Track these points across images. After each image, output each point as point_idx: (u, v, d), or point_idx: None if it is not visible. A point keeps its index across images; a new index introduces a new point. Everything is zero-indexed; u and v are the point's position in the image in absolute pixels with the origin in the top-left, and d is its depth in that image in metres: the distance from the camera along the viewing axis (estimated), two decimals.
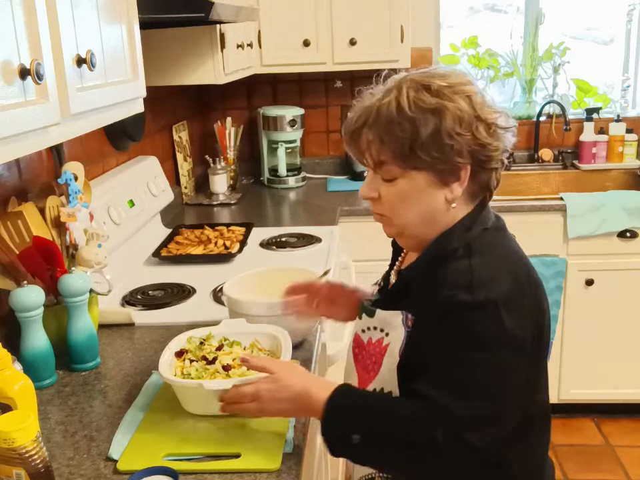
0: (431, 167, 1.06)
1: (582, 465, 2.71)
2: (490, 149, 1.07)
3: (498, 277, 1.04)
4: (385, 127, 1.05)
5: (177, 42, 2.25)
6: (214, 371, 1.25)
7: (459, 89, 1.07)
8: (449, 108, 1.04)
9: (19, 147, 0.99)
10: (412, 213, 1.10)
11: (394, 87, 1.08)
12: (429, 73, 1.09)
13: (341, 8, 2.84)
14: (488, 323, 1.00)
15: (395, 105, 1.05)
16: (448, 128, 1.04)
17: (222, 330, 1.40)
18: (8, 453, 0.96)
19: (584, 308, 2.83)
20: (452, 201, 1.09)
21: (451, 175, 1.07)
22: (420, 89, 1.06)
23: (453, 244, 1.09)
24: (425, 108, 1.04)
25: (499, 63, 3.35)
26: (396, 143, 1.05)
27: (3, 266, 1.41)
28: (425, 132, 1.03)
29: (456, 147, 1.04)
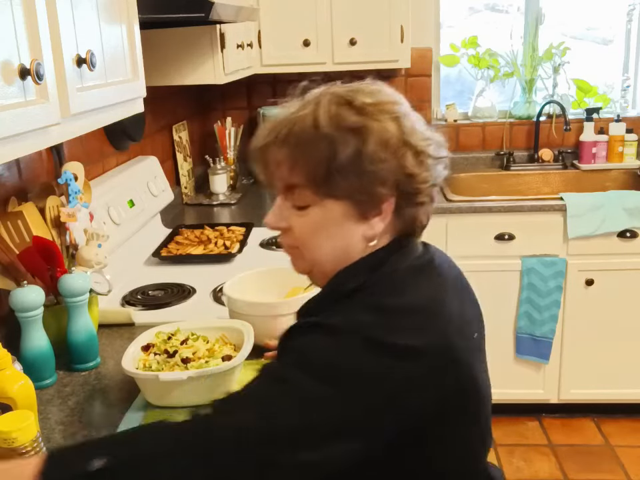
0: (349, 196, 0.91)
1: (582, 464, 2.71)
2: (418, 181, 0.93)
3: (377, 319, 0.87)
4: (298, 145, 0.91)
5: (177, 42, 2.25)
6: (173, 364, 1.30)
7: (386, 107, 0.93)
8: (373, 128, 0.90)
9: (19, 147, 0.99)
10: (324, 248, 0.95)
11: (313, 100, 0.94)
12: (353, 88, 0.96)
13: (341, 8, 2.84)
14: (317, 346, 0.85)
15: (312, 120, 0.91)
16: (370, 151, 0.89)
17: (190, 325, 1.44)
18: (8, 453, 0.96)
19: (584, 308, 2.83)
20: (371, 238, 0.94)
21: (371, 208, 0.92)
22: (342, 103, 0.92)
23: (346, 285, 0.94)
24: (346, 126, 0.90)
25: (499, 63, 3.35)
26: (310, 165, 0.91)
27: (3, 266, 1.41)
28: (344, 154, 0.89)
29: (379, 175, 0.90)
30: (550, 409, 2.99)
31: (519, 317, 2.82)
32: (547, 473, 2.67)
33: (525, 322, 2.82)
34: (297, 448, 0.81)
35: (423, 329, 0.88)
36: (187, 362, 1.29)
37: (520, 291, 2.80)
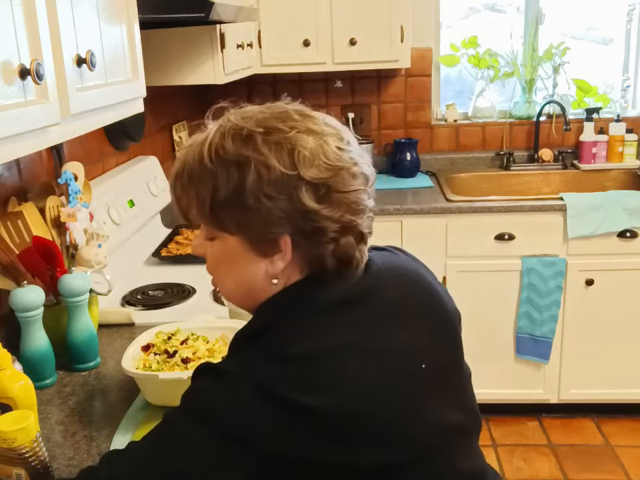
0: (241, 232, 0.87)
1: (582, 464, 2.71)
2: (319, 218, 0.84)
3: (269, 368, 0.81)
4: (188, 181, 0.89)
5: (177, 42, 2.25)
6: (173, 364, 1.30)
7: (279, 137, 0.85)
8: (256, 162, 0.83)
9: (19, 147, 0.99)
10: (228, 279, 0.94)
11: (211, 129, 0.90)
12: (252, 113, 0.89)
13: (341, 8, 2.84)
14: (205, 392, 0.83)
15: (198, 154, 0.87)
16: (251, 187, 0.83)
17: (190, 325, 1.44)
18: (8, 453, 0.96)
19: (584, 308, 2.83)
20: (273, 276, 0.89)
21: (266, 245, 0.87)
22: (227, 134, 0.86)
23: (255, 325, 0.90)
24: (227, 160, 0.85)
25: (499, 63, 3.35)
26: (198, 200, 0.88)
27: (3, 266, 1.41)
28: (226, 189, 0.84)
29: (263, 212, 0.84)
30: (550, 409, 2.99)
31: (519, 317, 2.82)
32: (546, 473, 2.67)
33: (524, 322, 2.82)
34: None
35: (322, 383, 0.81)
36: (187, 362, 1.29)
37: (520, 291, 2.80)
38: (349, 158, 0.88)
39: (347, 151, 0.89)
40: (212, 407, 0.81)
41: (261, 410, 0.79)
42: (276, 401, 0.79)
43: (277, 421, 0.78)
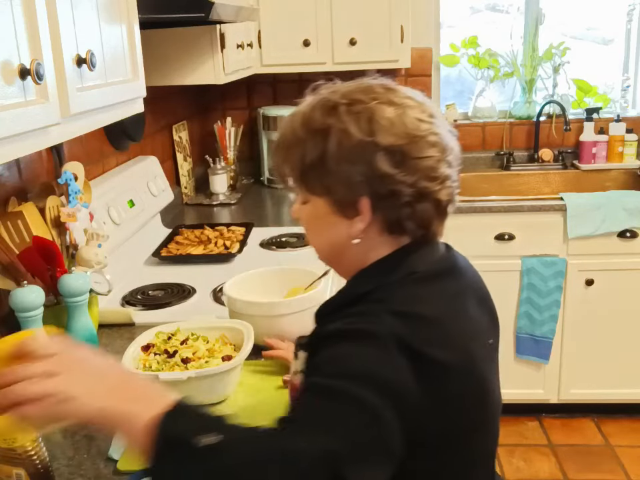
0: (326, 194, 0.96)
1: (582, 464, 2.71)
2: (394, 181, 0.91)
3: (399, 321, 0.87)
4: (283, 149, 1.00)
5: (177, 42, 2.25)
6: (173, 364, 1.29)
7: (360, 107, 0.93)
8: (337, 130, 0.92)
9: (19, 147, 0.99)
10: (317, 240, 1.03)
11: (304, 102, 1.00)
12: (338, 87, 0.98)
13: (341, 8, 2.84)
14: (356, 354, 0.85)
15: (290, 124, 0.98)
16: (333, 153, 0.92)
17: (190, 325, 1.44)
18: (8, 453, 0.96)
19: (584, 308, 2.83)
20: (354, 236, 0.96)
21: (347, 207, 0.95)
22: (316, 105, 0.96)
23: (363, 287, 0.96)
24: (313, 129, 0.95)
25: (499, 63, 3.35)
26: (292, 166, 0.99)
27: (3, 266, 1.41)
28: (311, 156, 0.94)
29: (344, 175, 0.92)
30: (550, 408, 2.99)
31: (519, 317, 2.82)
32: (547, 473, 2.67)
33: (524, 322, 2.82)
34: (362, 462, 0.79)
35: (446, 342, 0.89)
36: (187, 362, 1.29)
37: (520, 291, 2.80)
38: (428, 128, 0.94)
39: (426, 122, 0.95)
40: (369, 368, 0.83)
41: (407, 366, 0.84)
42: (416, 357, 0.85)
43: (417, 377, 0.84)
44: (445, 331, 0.90)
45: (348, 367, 0.84)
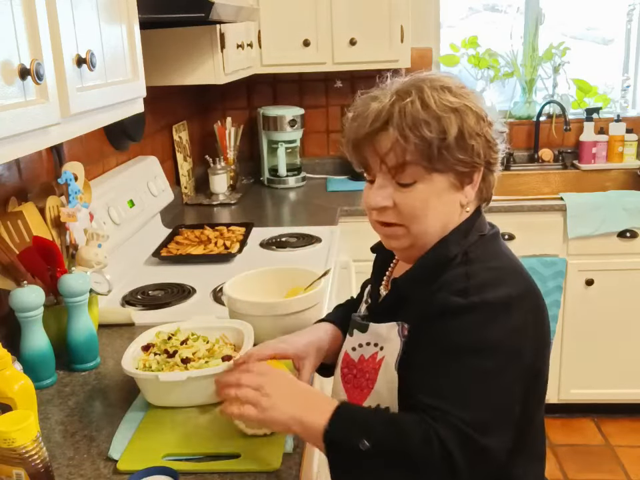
0: (453, 169, 1.03)
1: (582, 464, 2.71)
2: (496, 150, 1.07)
3: (497, 282, 1.01)
4: (412, 125, 1.01)
5: (177, 42, 2.25)
6: (173, 364, 1.29)
7: (467, 90, 1.07)
8: (471, 107, 1.03)
9: (18, 147, 0.99)
10: (430, 219, 1.06)
11: (411, 87, 1.05)
12: (436, 76, 1.08)
13: (341, 8, 2.84)
14: (480, 326, 0.97)
15: (420, 103, 1.02)
16: (470, 128, 1.02)
17: (190, 325, 1.43)
18: (8, 452, 0.96)
19: (584, 308, 2.83)
20: (466, 204, 1.08)
21: (467, 177, 1.06)
22: (439, 88, 1.04)
23: (451, 251, 1.06)
24: (450, 107, 1.02)
25: (499, 63, 3.35)
26: (423, 143, 1.01)
27: (3, 266, 1.41)
28: (452, 132, 1.01)
29: (476, 148, 1.03)
30: (550, 408, 2.96)
31: None
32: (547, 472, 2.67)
33: None
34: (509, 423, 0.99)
35: (532, 289, 1.06)
36: (187, 362, 1.29)
37: None
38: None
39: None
40: (496, 335, 0.97)
41: (518, 319, 1.00)
42: (520, 305, 1.01)
43: (523, 323, 1.01)
44: (527, 279, 1.06)
45: (482, 339, 0.97)
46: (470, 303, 0.97)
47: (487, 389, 0.96)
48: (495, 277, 1.02)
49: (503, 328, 0.98)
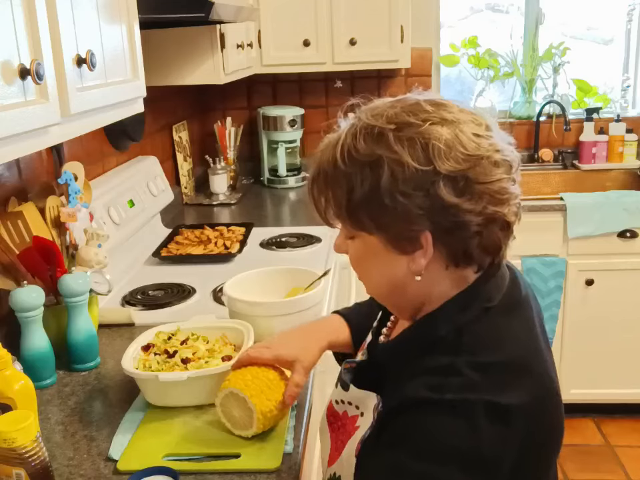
0: (379, 230, 0.85)
1: (582, 464, 2.71)
2: (459, 212, 0.81)
3: (492, 386, 0.80)
4: (323, 184, 0.89)
5: (177, 42, 2.25)
6: (173, 364, 1.29)
7: (412, 132, 0.82)
8: (390, 161, 0.81)
9: (18, 147, 0.99)
10: (371, 277, 0.92)
11: (344, 129, 0.89)
12: (382, 109, 0.86)
13: (341, 8, 2.84)
14: (446, 431, 0.78)
15: (332, 157, 0.86)
16: (387, 186, 0.81)
17: (190, 325, 1.43)
18: (8, 452, 0.96)
19: (584, 308, 2.83)
20: (417, 272, 0.86)
21: (407, 242, 0.85)
22: (359, 133, 0.84)
23: (439, 330, 0.87)
24: (360, 160, 0.83)
25: (499, 63, 3.35)
26: (335, 203, 0.88)
27: (3, 266, 1.41)
28: (360, 191, 0.83)
29: (400, 210, 0.81)
30: None
31: None
32: None
33: None
34: None
35: (535, 386, 0.84)
36: (187, 362, 1.29)
37: None
38: (489, 145, 0.84)
39: (485, 137, 0.84)
40: (455, 444, 0.78)
41: (496, 433, 0.78)
42: (502, 415, 0.79)
43: (505, 435, 0.79)
44: (527, 372, 0.85)
45: (430, 445, 0.79)
46: (443, 400, 0.79)
47: None
48: (484, 377, 0.81)
49: (475, 438, 0.78)
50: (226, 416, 1.16)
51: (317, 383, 1.44)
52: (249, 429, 1.13)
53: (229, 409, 1.15)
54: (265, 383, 1.12)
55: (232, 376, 1.15)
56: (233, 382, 1.13)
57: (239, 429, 1.15)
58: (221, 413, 1.16)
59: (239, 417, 1.14)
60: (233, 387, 1.12)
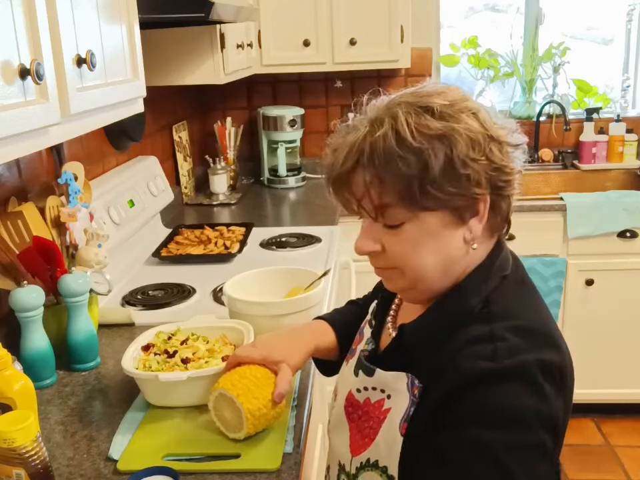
0: (445, 205, 0.88)
1: (582, 464, 2.71)
2: (507, 172, 0.90)
3: (527, 347, 0.86)
4: (384, 164, 0.86)
5: (177, 42, 2.25)
6: (173, 364, 1.29)
7: (462, 105, 0.90)
8: (460, 131, 0.86)
9: (18, 147, 0.99)
10: (427, 262, 0.91)
11: (385, 114, 0.89)
12: (422, 92, 0.92)
13: (341, 8, 2.84)
14: (522, 392, 0.83)
15: (394, 135, 0.86)
16: (462, 155, 0.86)
17: (190, 325, 1.43)
18: (8, 452, 0.96)
19: (584, 308, 2.83)
20: (472, 241, 0.91)
21: (468, 211, 0.89)
22: (419, 112, 0.88)
23: (469, 302, 0.91)
24: (432, 135, 0.86)
25: (499, 63, 3.35)
26: (401, 182, 0.86)
27: (3, 266, 1.41)
28: (436, 164, 0.85)
29: (473, 176, 0.87)
30: None
31: None
32: None
33: None
34: None
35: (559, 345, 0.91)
36: (187, 362, 1.29)
37: None
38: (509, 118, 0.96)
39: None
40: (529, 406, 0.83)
41: (552, 390, 0.85)
42: (551, 372, 0.86)
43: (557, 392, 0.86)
44: (554, 335, 0.91)
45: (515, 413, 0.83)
46: (504, 368, 0.83)
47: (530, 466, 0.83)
48: (524, 339, 0.87)
49: (543, 398, 0.84)
50: (220, 419, 1.15)
51: (316, 383, 1.44)
52: (240, 431, 1.12)
53: (221, 412, 1.14)
54: (252, 382, 1.11)
55: (221, 378, 1.15)
56: (221, 383, 1.13)
57: (232, 431, 1.14)
58: (214, 416, 1.16)
59: (230, 419, 1.13)
60: (221, 387, 1.12)
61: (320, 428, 1.68)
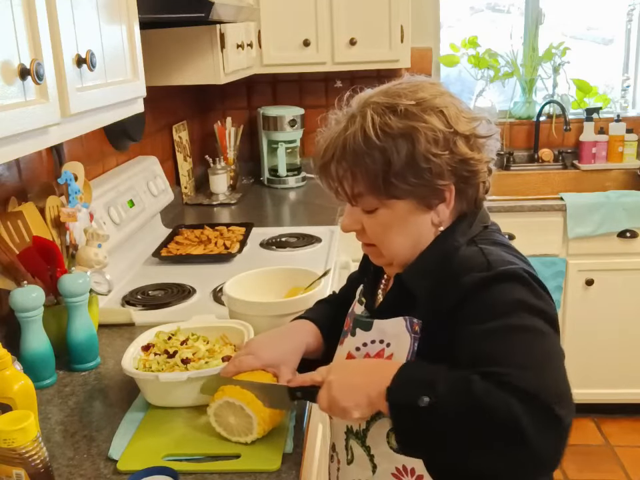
0: (411, 194, 1.00)
1: (582, 464, 2.71)
2: (473, 163, 1.01)
3: (517, 258, 1.01)
4: (353, 160, 0.99)
5: (176, 42, 2.25)
6: (173, 364, 1.29)
7: (428, 104, 0.99)
8: (420, 129, 0.97)
9: (19, 147, 0.99)
10: (399, 242, 1.04)
11: (358, 112, 1.01)
12: (394, 91, 1.02)
13: (341, 8, 2.84)
14: (519, 289, 0.94)
15: (362, 134, 0.98)
16: (422, 151, 0.97)
17: (190, 325, 1.43)
18: (8, 452, 0.96)
19: (584, 308, 2.83)
20: (439, 224, 1.04)
21: (434, 198, 1.01)
22: (385, 112, 0.99)
23: (458, 240, 1.03)
24: (394, 133, 0.97)
25: (499, 63, 3.35)
26: (369, 176, 0.99)
27: (3, 266, 1.41)
28: (398, 160, 0.97)
29: (434, 170, 0.98)
30: None
31: None
32: None
33: None
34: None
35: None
36: (187, 362, 1.29)
37: None
38: (479, 109, 1.07)
39: (465, 103, 1.06)
40: (526, 300, 0.94)
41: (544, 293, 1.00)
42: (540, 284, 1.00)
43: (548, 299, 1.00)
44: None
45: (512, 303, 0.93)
46: (498, 273, 0.95)
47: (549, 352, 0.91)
48: (513, 255, 1.01)
49: (537, 295, 0.96)
50: (221, 424, 1.15)
51: None
52: (248, 435, 1.12)
53: (223, 418, 1.14)
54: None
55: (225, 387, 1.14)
56: (227, 391, 1.13)
57: (237, 435, 1.14)
58: (215, 423, 1.15)
59: (236, 424, 1.13)
60: (228, 396, 1.12)
61: (320, 428, 1.67)
